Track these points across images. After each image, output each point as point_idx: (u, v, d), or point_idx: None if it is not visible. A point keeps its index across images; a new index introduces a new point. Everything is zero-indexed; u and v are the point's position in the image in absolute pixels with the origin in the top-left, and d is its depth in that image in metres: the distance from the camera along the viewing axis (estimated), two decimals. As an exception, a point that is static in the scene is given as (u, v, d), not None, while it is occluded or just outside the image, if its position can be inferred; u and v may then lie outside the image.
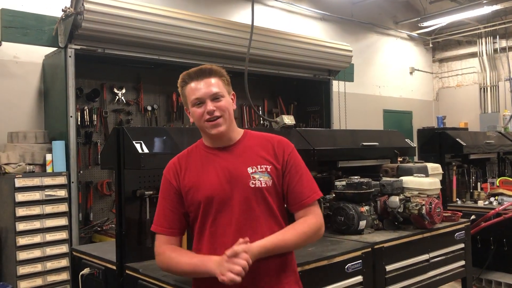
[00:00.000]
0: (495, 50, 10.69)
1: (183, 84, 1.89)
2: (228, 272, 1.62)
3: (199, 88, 1.84)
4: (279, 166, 1.89)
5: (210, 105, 1.83)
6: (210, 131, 1.85)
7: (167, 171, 1.95)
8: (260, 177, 1.84)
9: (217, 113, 1.83)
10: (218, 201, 1.83)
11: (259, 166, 1.86)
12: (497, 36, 10.59)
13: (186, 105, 1.93)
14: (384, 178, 3.41)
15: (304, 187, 1.89)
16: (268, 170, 1.86)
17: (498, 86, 10.75)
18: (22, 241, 4.12)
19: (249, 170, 1.85)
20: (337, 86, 7.44)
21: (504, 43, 10.57)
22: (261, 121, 6.83)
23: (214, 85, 1.85)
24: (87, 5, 4.31)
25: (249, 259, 1.65)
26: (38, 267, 4.21)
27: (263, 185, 1.84)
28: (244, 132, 1.98)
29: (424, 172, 3.56)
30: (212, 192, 1.83)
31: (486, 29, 10.60)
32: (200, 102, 1.84)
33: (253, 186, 1.83)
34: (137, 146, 2.43)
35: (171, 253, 1.85)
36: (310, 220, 1.87)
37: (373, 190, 3.18)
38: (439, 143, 5.12)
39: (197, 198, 1.85)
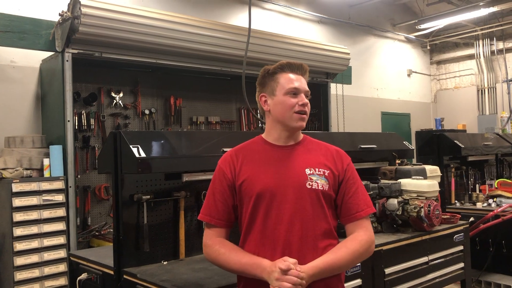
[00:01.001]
0: (492, 52, 10.72)
1: (278, 70, 1.91)
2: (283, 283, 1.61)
3: (297, 79, 1.89)
4: (337, 173, 1.89)
5: (305, 99, 1.88)
6: (296, 123, 1.87)
7: (222, 162, 1.93)
8: (317, 179, 1.84)
9: (306, 109, 1.89)
10: (271, 197, 1.81)
11: (317, 169, 1.86)
12: (494, 38, 10.63)
13: (269, 92, 1.92)
14: (383, 181, 3.41)
15: (360, 200, 1.89)
16: (326, 174, 1.86)
17: (495, 88, 10.77)
18: (19, 246, 4.09)
19: (307, 171, 1.84)
20: (335, 88, 7.45)
21: (501, 45, 10.60)
22: (259, 125, 6.82)
23: (306, 84, 1.93)
24: (84, 9, 4.30)
25: (300, 274, 1.64)
26: (35, 273, 4.18)
27: (319, 188, 1.83)
28: (304, 136, 2.00)
29: (423, 174, 3.55)
30: (267, 186, 1.81)
31: (483, 31, 10.63)
32: (296, 92, 1.87)
33: (309, 187, 1.82)
34: (134, 150, 2.42)
35: (220, 248, 1.83)
36: (362, 236, 1.84)
37: (371, 192, 3.18)
38: (437, 145, 5.13)
39: (250, 190, 1.83)
